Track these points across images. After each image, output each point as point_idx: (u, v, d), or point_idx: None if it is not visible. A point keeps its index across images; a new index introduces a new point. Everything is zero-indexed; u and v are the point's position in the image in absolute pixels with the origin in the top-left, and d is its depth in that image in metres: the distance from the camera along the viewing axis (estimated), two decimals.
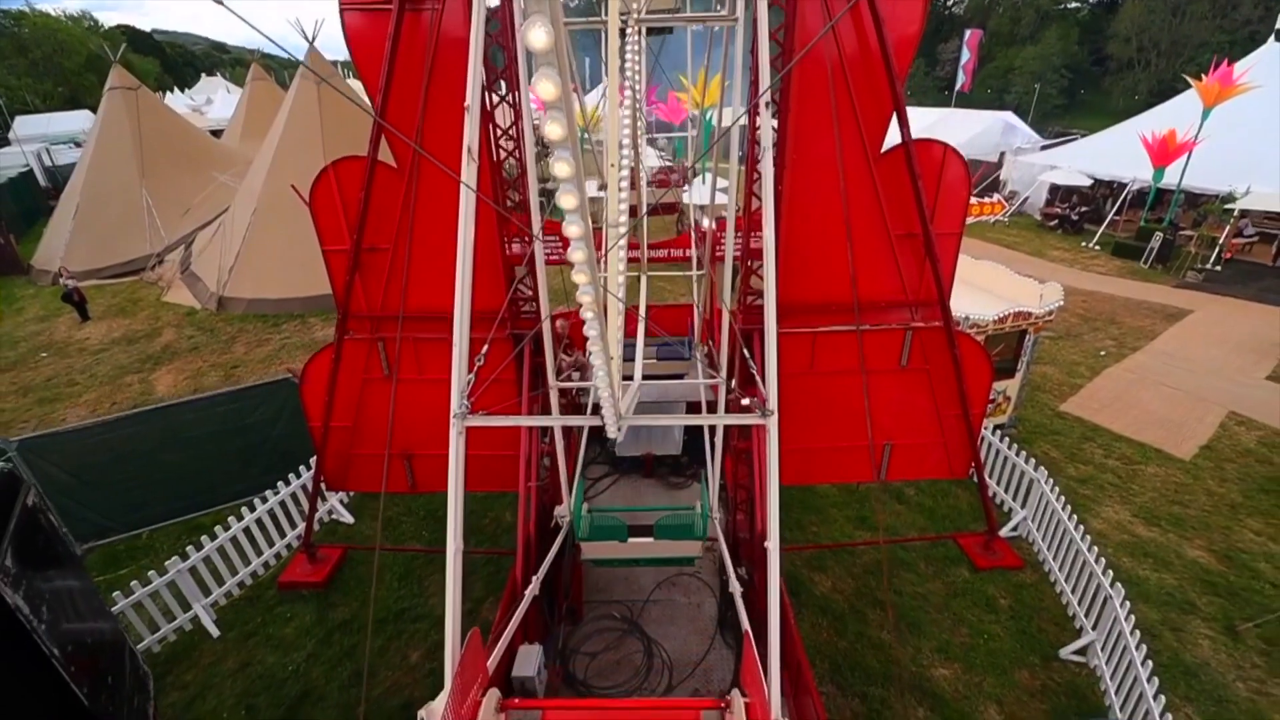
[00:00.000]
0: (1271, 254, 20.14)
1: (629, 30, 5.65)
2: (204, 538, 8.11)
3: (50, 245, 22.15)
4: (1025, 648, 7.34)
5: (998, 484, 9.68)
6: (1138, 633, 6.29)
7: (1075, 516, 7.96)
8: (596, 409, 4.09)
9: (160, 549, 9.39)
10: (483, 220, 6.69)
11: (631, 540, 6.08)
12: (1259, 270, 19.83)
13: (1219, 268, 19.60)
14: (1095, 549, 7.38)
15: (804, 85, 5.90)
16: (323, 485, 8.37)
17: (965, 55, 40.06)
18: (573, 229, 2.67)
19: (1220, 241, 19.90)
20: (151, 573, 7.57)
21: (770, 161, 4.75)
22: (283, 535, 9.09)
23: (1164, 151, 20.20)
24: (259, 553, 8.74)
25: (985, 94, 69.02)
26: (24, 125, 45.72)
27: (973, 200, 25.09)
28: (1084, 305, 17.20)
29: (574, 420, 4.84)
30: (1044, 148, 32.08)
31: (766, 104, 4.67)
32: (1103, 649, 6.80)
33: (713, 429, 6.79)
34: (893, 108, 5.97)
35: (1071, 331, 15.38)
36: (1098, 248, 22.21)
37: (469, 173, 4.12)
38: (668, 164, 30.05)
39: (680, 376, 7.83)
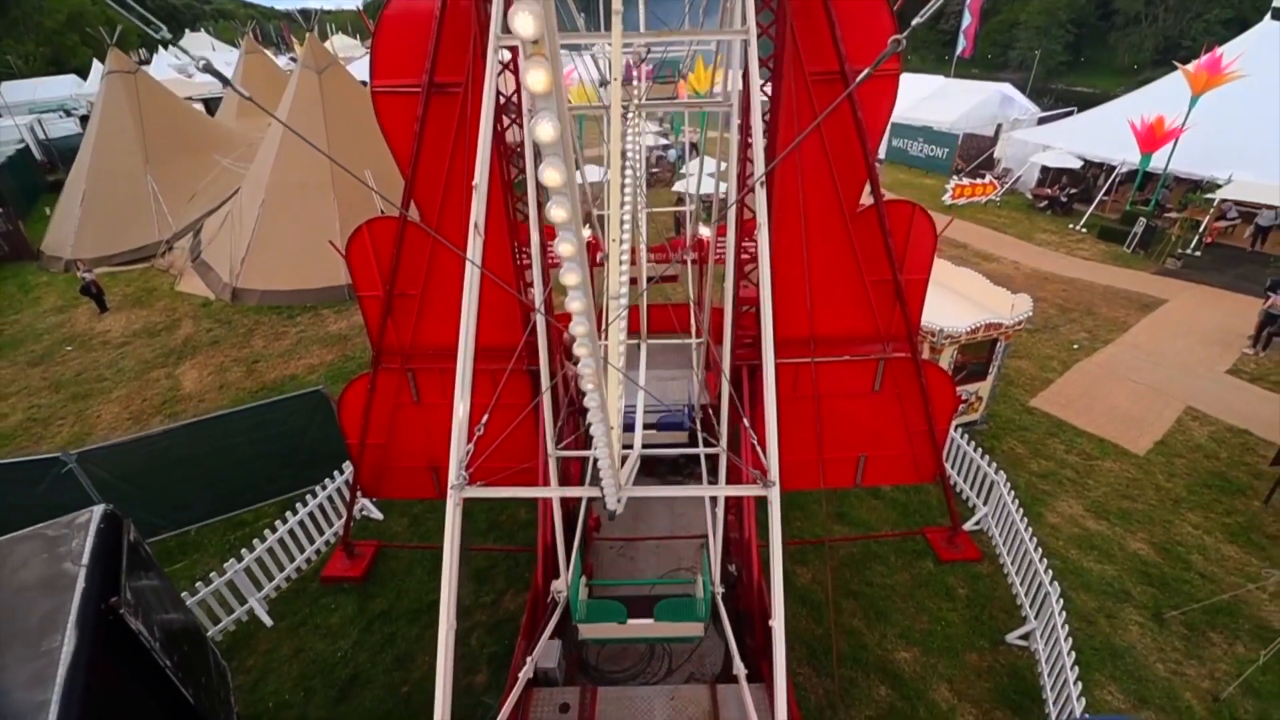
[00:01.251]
0: (1249, 239, 20.76)
1: (629, 115, 6.29)
2: (255, 540, 9.07)
3: (59, 231, 22.55)
4: (976, 633, 8.46)
5: (964, 481, 10.68)
6: (1067, 626, 7.37)
7: (1026, 519, 8.97)
8: (596, 478, 4.04)
9: (207, 544, 10.43)
10: (500, 260, 7.40)
11: (631, 622, 6.00)
12: (1237, 255, 20.49)
13: (1198, 253, 20.25)
14: (1040, 550, 8.38)
15: (788, 156, 6.56)
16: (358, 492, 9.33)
17: (966, 19, 39.44)
18: (575, 304, 2.81)
19: (1202, 225, 20.51)
20: (213, 574, 8.55)
21: (766, 236, 5.09)
22: (321, 533, 10.10)
23: (1151, 138, 20.60)
24: (301, 550, 9.75)
25: (987, 54, 67.82)
26: (11, 91, 44.98)
27: (965, 181, 25.58)
28: (1063, 294, 17.96)
29: (573, 492, 5.18)
30: (1041, 120, 32.27)
31: (761, 183, 5.36)
32: (1041, 635, 7.90)
33: (713, 496, 6.74)
34: (866, 176, 6.67)
35: (1049, 324, 16.19)
36: (1084, 230, 22.78)
37: (475, 248, 4.48)
38: (665, 141, 30.18)
39: (681, 446, 8.31)
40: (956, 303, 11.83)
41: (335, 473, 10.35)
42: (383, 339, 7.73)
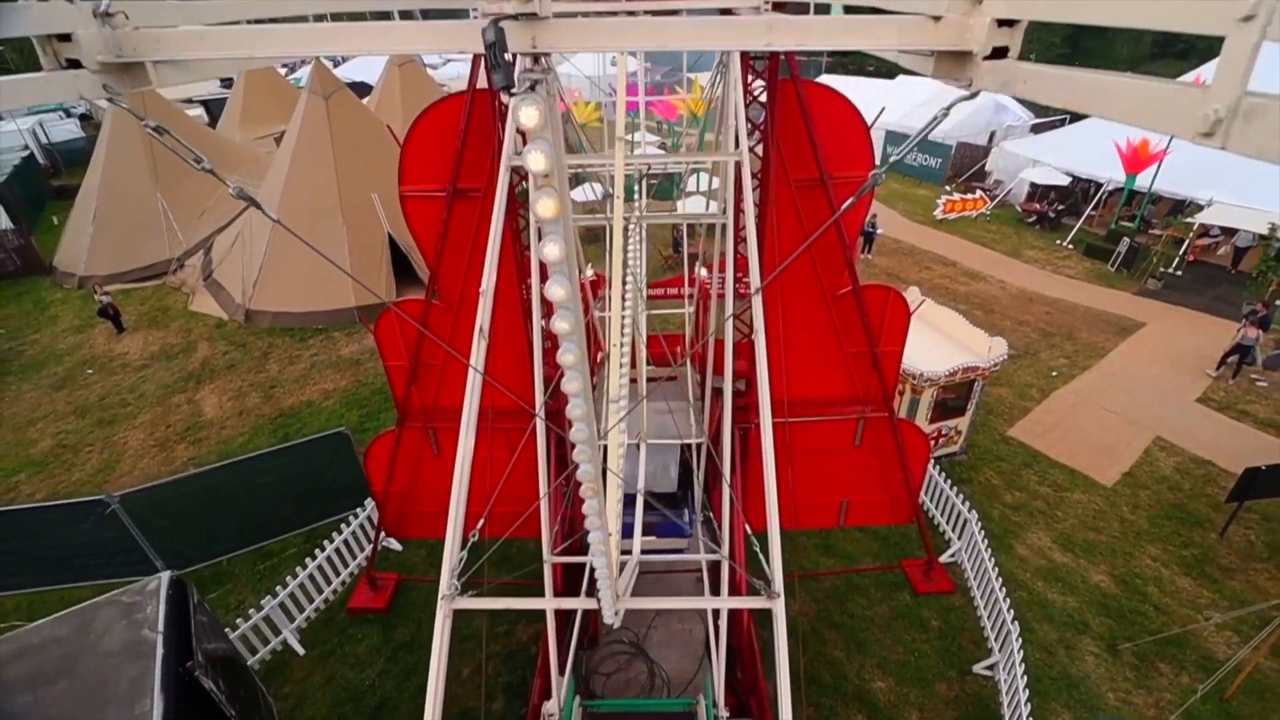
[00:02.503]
0: (1229, 259, 21.46)
1: (630, 226, 6.96)
2: (288, 577, 9.84)
3: (71, 247, 23.08)
4: (946, 663, 9.30)
5: (940, 514, 11.49)
6: (1024, 663, 8.20)
7: (995, 558, 9.79)
8: (592, 587, 3.95)
9: (239, 574, 11.22)
10: (512, 318, 8.08)
11: None
12: (1217, 275, 21.21)
13: (1179, 272, 20.97)
14: (1005, 589, 9.20)
15: (775, 256, 7.27)
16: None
17: None
18: (575, 411, 2.87)
19: (1185, 244, 21.20)
20: (251, 610, 9.32)
21: (763, 343, 5.25)
22: (345, 565, 10.89)
23: (1136, 160, 21.23)
24: (329, 582, 10.55)
25: None
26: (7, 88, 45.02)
27: (955, 196, 26.21)
28: (1046, 317, 18.68)
29: (570, 603, 4.97)
30: (1034, 127, 32.84)
31: (756, 290, 6.02)
32: (1003, 667, 8.75)
33: (715, 589, 6.66)
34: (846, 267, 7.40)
35: (1030, 349, 16.92)
36: (1071, 246, 23.46)
37: (478, 353, 4.72)
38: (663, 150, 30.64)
39: (680, 551, 8.68)
40: (938, 343, 12.56)
41: (358, 509, 11.11)
42: (408, 402, 8.47)
